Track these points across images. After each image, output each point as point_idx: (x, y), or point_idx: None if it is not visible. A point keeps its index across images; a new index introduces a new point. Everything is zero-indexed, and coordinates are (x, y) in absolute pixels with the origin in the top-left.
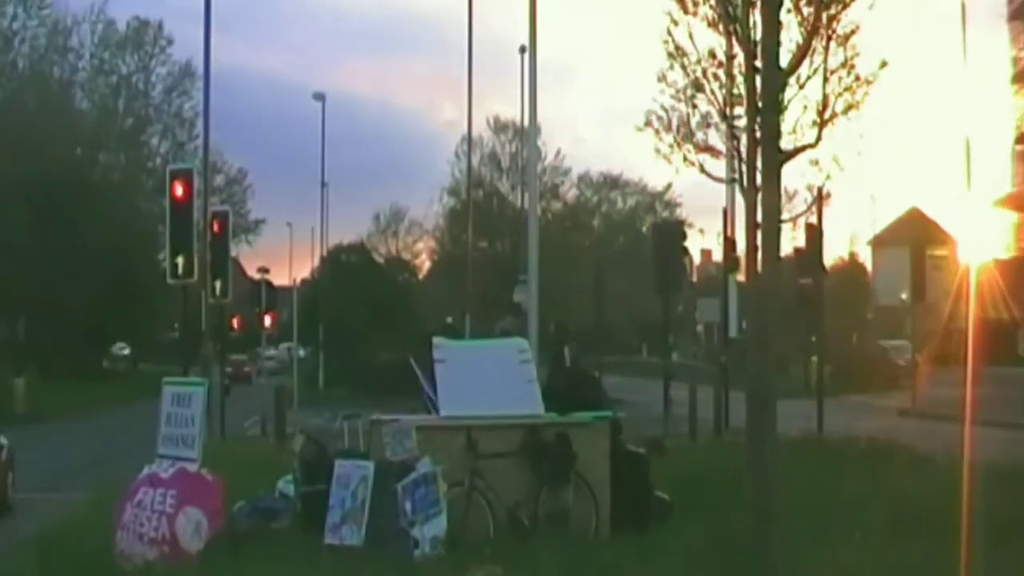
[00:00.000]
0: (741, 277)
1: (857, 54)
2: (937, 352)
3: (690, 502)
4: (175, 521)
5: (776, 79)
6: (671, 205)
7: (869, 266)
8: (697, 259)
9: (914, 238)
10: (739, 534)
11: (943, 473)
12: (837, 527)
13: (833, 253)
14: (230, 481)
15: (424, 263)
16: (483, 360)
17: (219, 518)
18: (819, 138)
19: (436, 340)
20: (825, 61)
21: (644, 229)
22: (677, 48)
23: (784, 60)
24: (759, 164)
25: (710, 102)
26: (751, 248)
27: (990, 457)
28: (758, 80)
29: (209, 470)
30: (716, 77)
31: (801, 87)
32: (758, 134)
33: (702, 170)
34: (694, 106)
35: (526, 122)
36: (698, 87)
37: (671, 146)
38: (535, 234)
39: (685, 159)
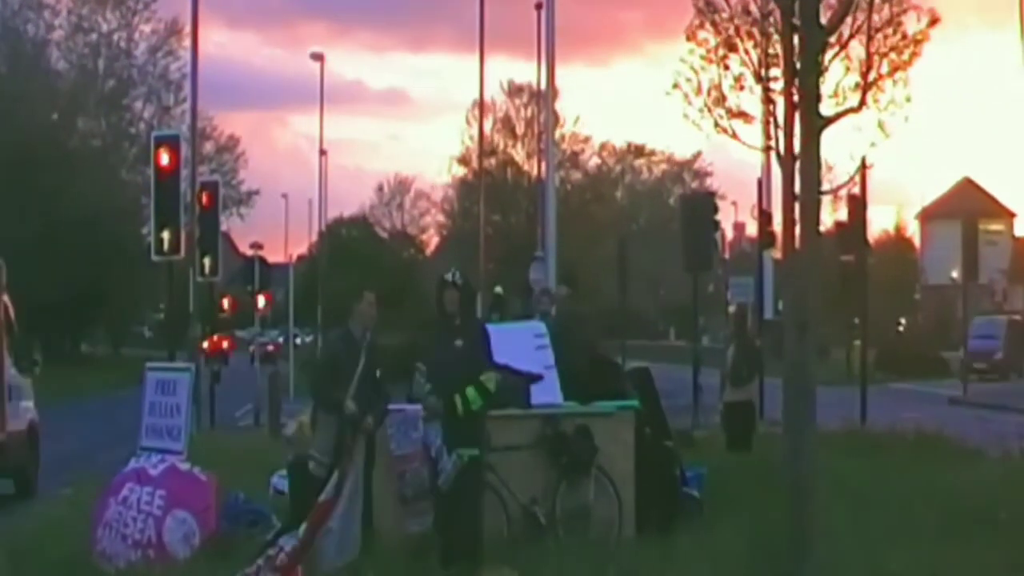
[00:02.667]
0: (777, 254)
1: (904, 10)
2: None
3: (721, 500)
4: (163, 524)
5: (816, 37)
6: (701, 175)
7: (917, 242)
8: (729, 234)
9: (966, 211)
10: (775, 536)
11: (997, 468)
12: (881, 527)
13: (878, 227)
14: (218, 477)
15: (432, 238)
16: (498, 344)
17: (211, 521)
18: (862, 102)
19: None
20: (869, 18)
21: (672, 201)
22: (707, 3)
23: (824, 17)
24: (797, 130)
25: (743, 63)
26: (788, 222)
27: None
28: (796, 39)
29: (202, 468)
30: (750, 35)
31: (843, 47)
32: (796, 98)
33: (735, 137)
34: (726, 67)
35: (543, 84)
36: (730, 47)
37: (701, 111)
38: (553, 207)
39: (716, 125)
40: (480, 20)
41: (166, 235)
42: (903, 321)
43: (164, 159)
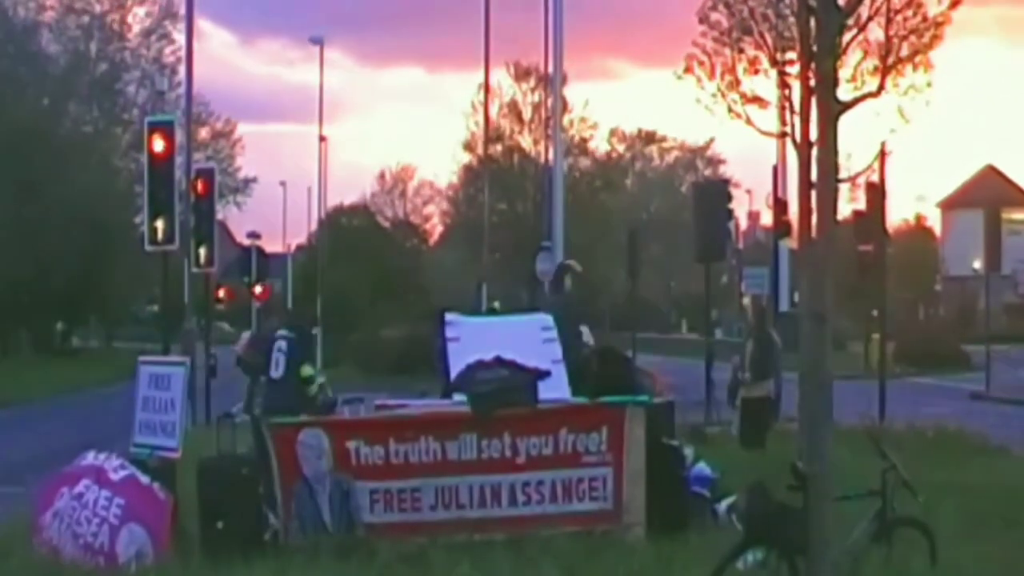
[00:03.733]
0: (793, 243)
1: None
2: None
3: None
4: (118, 534)
5: (833, 19)
6: (714, 162)
7: (938, 231)
8: (743, 223)
9: (989, 199)
10: None
11: (1021, 466)
12: (901, 529)
13: (897, 216)
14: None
15: (435, 227)
16: (502, 338)
17: (164, 541)
18: (881, 87)
19: (448, 316)
20: None
21: (684, 189)
22: None
23: None
24: (813, 116)
25: (758, 45)
26: (804, 211)
27: None
28: (812, 21)
29: (162, 485)
30: (765, 17)
31: (861, 29)
32: (812, 82)
33: (749, 122)
34: (740, 50)
35: (551, 69)
36: (745, 29)
37: (714, 95)
38: (560, 195)
39: (730, 110)
40: (485, 3)
41: (160, 224)
42: (921, 312)
43: (158, 145)
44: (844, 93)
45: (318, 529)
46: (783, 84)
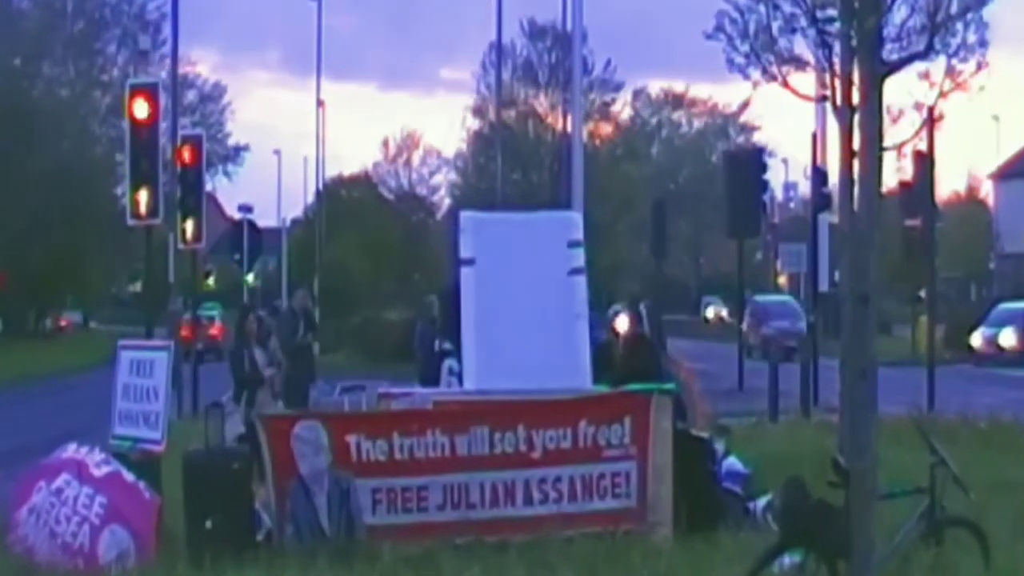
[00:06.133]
0: (834, 218)
1: None
2: None
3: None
4: (100, 535)
5: None
6: (748, 129)
7: (991, 204)
8: (779, 196)
9: None
10: None
11: None
12: (950, 529)
13: (947, 188)
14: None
15: (443, 200)
16: (524, 247)
17: (149, 544)
18: (930, 46)
19: (463, 216)
20: None
21: (715, 158)
22: None
23: None
24: (856, 78)
25: (796, 2)
26: (846, 182)
27: None
28: None
29: (147, 484)
30: None
31: None
32: (854, 41)
33: (786, 86)
34: (776, 7)
35: (569, 25)
36: None
37: (748, 56)
38: (580, 164)
39: (765, 72)
40: None
41: (143, 196)
42: (974, 292)
43: (141, 110)
44: (889, 53)
45: (314, 533)
46: (823, 44)
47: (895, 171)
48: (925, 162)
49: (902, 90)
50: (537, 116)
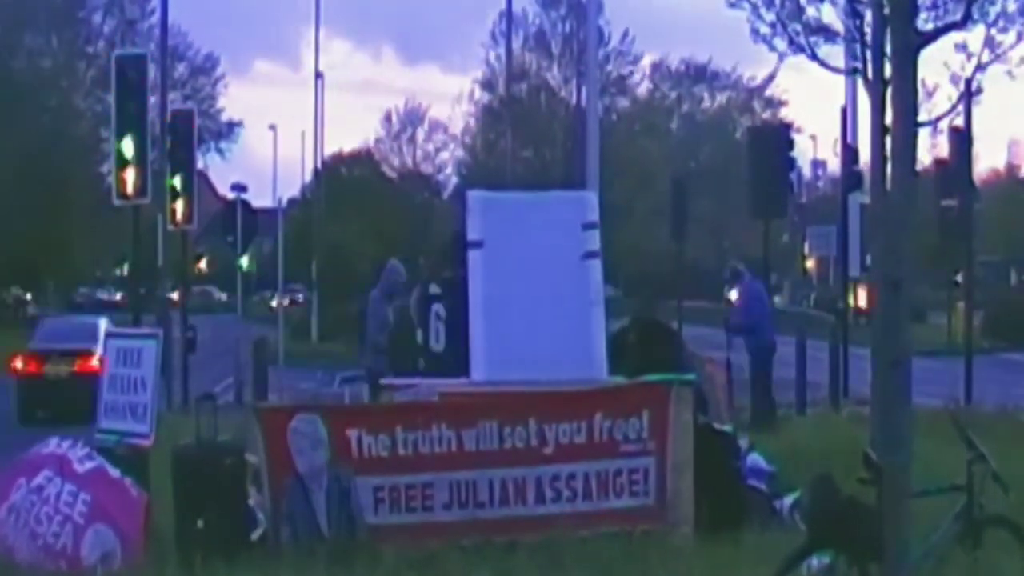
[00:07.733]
0: (865, 198)
1: None
2: None
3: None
4: (83, 535)
5: None
6: (773, 104)
7: None
8: (807, 174)
9: None
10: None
11: None
12: (989, 529)
13: (985, 166)
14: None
15: (450, 178)
16: (536, 230)
17: (136, 544)
18: (968, 15)
19: (471, 195)
20: None
21: (738, 135)
22: None
23: None
24: (888, 49)
25: None
26: (878, 159)
27: None
28: None
29: (134, 481)
30: None
31: None
32: (887, 10)
33: (814, 58)
34: None
35: None
36: None
37: (773, 26)
38: (595, 141)
39: (792, 43)
40: None
41: (130, 175)
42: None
43: (128, 83)
44: (924, 23)
45: (312, 534)
46: (853, 13)
47: (930, 148)
48: (962, 139)
49: (938, 62)
50: (550, 89)
